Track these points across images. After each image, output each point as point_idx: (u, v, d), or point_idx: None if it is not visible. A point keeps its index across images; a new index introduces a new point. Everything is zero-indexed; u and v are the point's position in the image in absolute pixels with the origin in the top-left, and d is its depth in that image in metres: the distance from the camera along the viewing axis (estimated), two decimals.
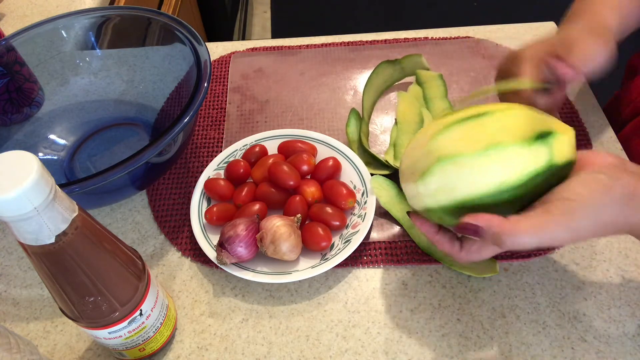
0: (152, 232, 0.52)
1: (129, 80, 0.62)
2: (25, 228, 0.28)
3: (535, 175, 0.36)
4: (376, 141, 0.59)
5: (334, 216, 0.48)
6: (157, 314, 0.40)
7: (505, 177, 0.36)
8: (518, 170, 0.36)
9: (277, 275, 0.45)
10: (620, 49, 0.46)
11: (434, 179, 0.37)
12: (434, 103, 0.60)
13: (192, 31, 0.54)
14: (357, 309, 0.45)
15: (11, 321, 0.46)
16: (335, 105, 0.62)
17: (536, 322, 0.44)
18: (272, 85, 0.65)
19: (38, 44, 0.58)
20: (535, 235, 0.34)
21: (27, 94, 0.58)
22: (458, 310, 0.45)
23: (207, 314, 0.46)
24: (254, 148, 0.55)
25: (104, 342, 0.39)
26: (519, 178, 0.36)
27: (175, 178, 0.56)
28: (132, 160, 0.43)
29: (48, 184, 0.27)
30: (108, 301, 0.35)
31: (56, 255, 0.30)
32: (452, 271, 0.47)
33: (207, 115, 0.63)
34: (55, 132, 0.59)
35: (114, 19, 0.59)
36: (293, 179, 0.50)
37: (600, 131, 0.57)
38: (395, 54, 0.68)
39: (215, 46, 0.71)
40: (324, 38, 0.71)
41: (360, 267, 0.48)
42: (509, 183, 0.36)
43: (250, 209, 0.49)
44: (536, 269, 0.47)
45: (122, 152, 0.58)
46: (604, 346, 0.42)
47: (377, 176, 0.51)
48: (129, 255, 0.36)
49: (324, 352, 0.43)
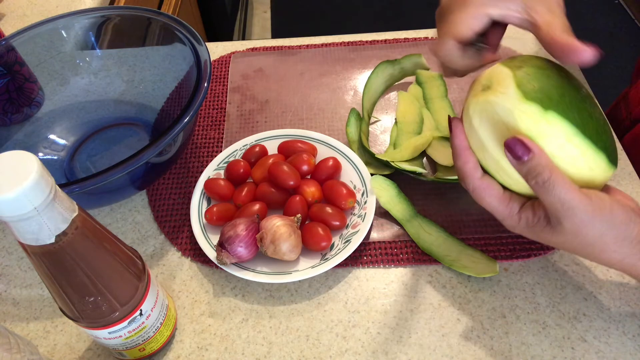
0: (152, 232, 0.52)
1: (129, 80, 0.62)
2: (25, 228, 0.28)
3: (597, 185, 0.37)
4: (376, 141, 0.59)
5: (334, 216, 0.48)
6: (157, 314, 0.40)
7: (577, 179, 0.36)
8: (588, 181, 0.36)
9: (277, 275, 0.45)
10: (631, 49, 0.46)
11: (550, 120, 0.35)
12: (434, 103, 0.60)
13: (192, 31, 0.54)
14: (357, 309, 0.45)
15: (11, 321, 0.46)
16: (335, 105, 0.63)
17: (536, 322, 0.44)
18: (272, 85, 0.65)
19: (38, 44, 0.58)
20: (571, 195, 0.34)
21: (27, 94, 0.58)
22: (458, 310, 0.45)
23: (207, 314, 0.46)
24: (254, 148, 0.55)
25: (104, 342, 0.39)
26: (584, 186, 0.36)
27: (175, 178, 0.56)
28: (132, 160, 0.43)
29: (48, 184, 0.27)
30: (108, 301, 0.35)
31: (56, 255, 0.30)
32: (452, 271, 0.47)
33: (207, 115, 0.63)
34: (55, 132, 0.59)
35: (114, 19, 0.59)
36: (293, 179, 0.50)
37: None
38: (396, 54, 0.68)
39: (215, 46, 0.71)
40: (324, 38, 0.71)
41: (360, 267, 0.48)
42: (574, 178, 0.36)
43: (250, 209, 0.49)
44: (536, 269, 0.47)
45: (122, 152, 0.58)
46: (604, 346, 0.42)
47: (377, 176, 0.51)
48: (129, 255, 0.36)
49: (324, 352, 0.43)
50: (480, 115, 0.38)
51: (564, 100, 0.35)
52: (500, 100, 0.36)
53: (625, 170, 0.53)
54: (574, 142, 0.35)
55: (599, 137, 0.35)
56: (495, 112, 0.37)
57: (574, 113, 0.35)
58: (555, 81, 0.36)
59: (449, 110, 0.59)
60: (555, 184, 0.34)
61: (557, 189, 0.34)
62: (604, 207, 0.35)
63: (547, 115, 0.35)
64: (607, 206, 0.35)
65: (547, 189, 0.34)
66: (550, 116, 0.35)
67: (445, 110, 0.59)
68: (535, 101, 0.35)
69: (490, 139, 0.37)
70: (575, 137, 0.35)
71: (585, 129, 0.35)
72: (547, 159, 0.35)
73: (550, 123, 0.35)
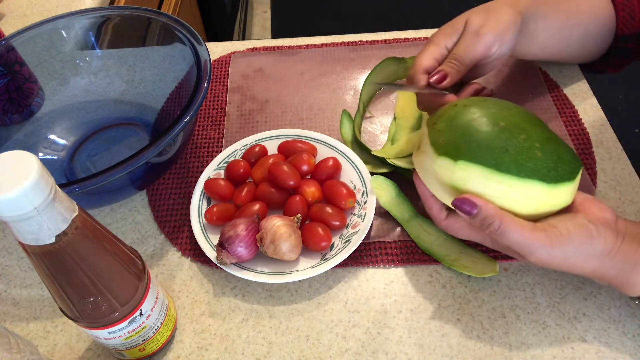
0: (152, 232, 0.52)
1: (129, 80, 0.62)
2: (25, 228, 0.28)
3: (548, 212, 0.39)
4: (376, 141, 0.59)
5: (334, 216, 0.48)
6: (157, 314, 0.40)
7: (521, 208, 0.39)
8: (536, 206, 0.39)
9: (277, 275, 0.45)
10: None
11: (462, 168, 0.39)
12: None
13: (192, 31, 0.54)
14: (357, 309, 0.45)
15: (11, 321, 0.46)
16: (335, 105, 0.62)
17: (536, 322, 0.44)
18: (272, 85, 0.65)
19: (38, 44, 0.58)
20: (524, 236, 0.37)
21: (27, 94, 0.58)
22: (458, 310, 0.45)
23: (207, 314, 0.46)
24: (254, 148, 0.55)
25: (104, 342, 0.39)
26: (533, 212, 0.39)
27: (175, 178, 0.56)
28: (132, 160, 0.43)
29: (48, 184, 0.27)
30: (108, 301, 0.35)
31: (56, 255, 0.30)
32: (452, 271, 0.47)
33: (207, 115, 0.63)
34: (55, 132, 0.59)
35: (114, 19, 0.59)
36: (293, 179, 0.50)
37: (600, 131, 0.57)
38: (396, 54, 0.68)
39: (215, 46, 0.71)
40: (324, 38, 0.71)
41: (360, 267, 0.48)
42: (520, 213, 0.39)
43: (250, 209, 0.49)
44: (536, 269, 0.47)
45: (122, 152, 0.58)
46: (604, 346, 0.42)
47: (377, 176, 0.51)
48: (129, 255, 0.36)
49: (324, 352, 0.43)
50: (421, 171, 0.43)
51: (470, 146, 0.39)
52: (424, 159, 0.42)
53: (625, 170, 0.53)
54: (494, 180, 0.38)
55: (521, 167, 0.37)
56: (426, 168, 0.41)
57: (484, 154, 0.38)
58: (462, 130, 0.40)
59: None
60: (506, 230, 0.37)
61: (509, 233, 0.37)
62: (560, 235, 0.37)
63: (458, 165, 0.39)
64: (563, 233, 0.37)
65: (502, 235, 0.37)
66: (462, 164, 0.39)
67: None
68: (446, 155, 0.39)
69: (436, 190, 0.42)
70: (493, 175, 0.38)
71: (501, 165, 0.38)
72: (494, 209, 0.38)
73: (464, 170, 0.38)
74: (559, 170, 0.38)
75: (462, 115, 0.40)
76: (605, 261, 0.38)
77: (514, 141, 0.38)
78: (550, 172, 0.38)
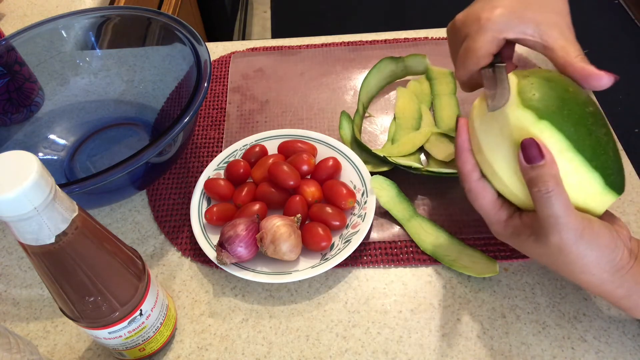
0: (152, 232, 0.52)
1: (129, 80, 0.62)
2: (25, 228, 0.28)
3: (585, 211, 0.37)
4: (376, 141, 0.59)
5: (334, 216, 0.48)
6: (157, 314, 0.40)
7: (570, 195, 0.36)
8: (583, 200, 0.37)
9: (277, 275, 0.45)
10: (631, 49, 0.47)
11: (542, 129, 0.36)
12: (442, 99, 0.60)
13: (192, 31, 0.54)
14: (357, 309, 0.45)
15: (11, 321, 0.46)
16: (335, 105, 0.62)
17: (536, 322, 0.44)
18: (272, 85, 0.65)
19: (38, 44, 0.58)
20: (566, 212, 0.35)
21: (27, 94, 0.58)
22: (458, 310, 0.45)
23: (207, 314, 0.46)
24: (254, 148, 0.55)
25: (104, 342, 0.39)
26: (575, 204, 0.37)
27: (175, 178, 0.56)
28: (132, 160, 0.43)
29: (48, 184, 0.27)
30: (108, 301, 0.35)
31: (56, 255, 0.30)
32: (452, 271, 0.47)
33: (207, 115, 0.63)
34: (55, 132, 0.59)
35: (114, 19, 0.59)
36: (293, 179, 0.50)
37: None
38: (395, 54, 0.68)
39: (215, 46, 0.71)
40: (324, 38, 0.71)
41: (360, 267, 0.48)
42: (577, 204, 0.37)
43: (250, 209, 0.49)
44: (536, 269, 0.47)
45: (122, 152, 0.58)
46: (604, 346, 0.42)
47: (377, 176, 0.51)
48: (129, 255, 0.36)
49: (324, 352, 0.43)
50: (482, 118, 0.38)
51: (561, 112, 0.36)
52: (497, 104, 0.37)
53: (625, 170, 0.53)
54: (565, 156, 0.35)
55: (595, 156, 0.35)
56: (495, 116, 0.37)
57: (570, 127, 0.35)
58: (559, 93, 0.36)
59: (455, 107, 0.59)
60: (556, 198, 0.35)
61: (556, 203, 0.35)
62: (592, 231, 0.35)
63: (539, 124, 0.35)
64: (595, 230, 0.36)
65: (547, 200, 0.35)
66: (543, 125, 0.35)
67: (451, 107, 0.59)
68: (531, 109, 0.36)
69: (486, 143, 0.38)
70: (567, 152, 0.35)
71: (580, 144, 0.35)
72: (556, 170, 0.35)
73: (543, 132, 0.35)
74: (617, 178, 0.37)
75: (559, 82, 0.37)
76: (616, 277, 0.37)
77: (598, 130, 0.36)
78: (611, 176, 0.36)
